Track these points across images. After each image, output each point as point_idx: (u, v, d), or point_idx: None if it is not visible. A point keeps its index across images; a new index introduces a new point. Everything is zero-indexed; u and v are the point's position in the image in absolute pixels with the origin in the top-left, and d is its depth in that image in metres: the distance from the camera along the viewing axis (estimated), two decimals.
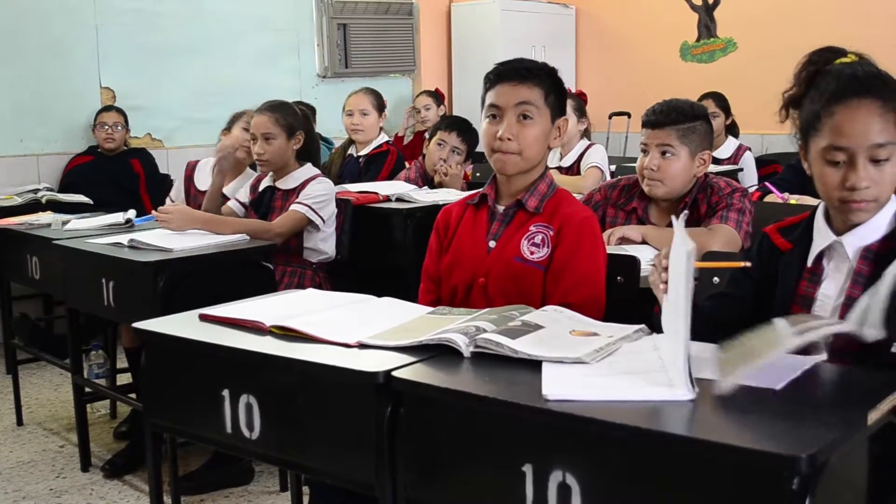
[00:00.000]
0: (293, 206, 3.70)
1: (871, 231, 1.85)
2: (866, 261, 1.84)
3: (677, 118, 2.97)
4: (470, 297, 2.41)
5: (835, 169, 1.81)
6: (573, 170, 5.09)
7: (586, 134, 5.24)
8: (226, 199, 4.07)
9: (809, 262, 1.91)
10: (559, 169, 5.15)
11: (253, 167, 4.15)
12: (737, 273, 2.05)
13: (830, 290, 1.88)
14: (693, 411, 1.45)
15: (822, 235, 1.90)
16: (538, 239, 2.37)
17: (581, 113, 5.19)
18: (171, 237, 3.38)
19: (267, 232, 3.57)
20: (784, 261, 1.96)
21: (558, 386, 1.55)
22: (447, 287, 2.48)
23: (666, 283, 1.73)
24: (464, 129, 4.72)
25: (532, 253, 2.36)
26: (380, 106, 5.36)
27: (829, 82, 1.84)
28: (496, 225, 2.44)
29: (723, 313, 1.97)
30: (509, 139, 2.35)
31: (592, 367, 1.66)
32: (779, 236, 2.00)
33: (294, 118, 3.80)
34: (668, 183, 2.99)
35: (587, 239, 2.37)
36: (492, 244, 2.42)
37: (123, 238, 3.38)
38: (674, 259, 1.66)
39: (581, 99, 5.28)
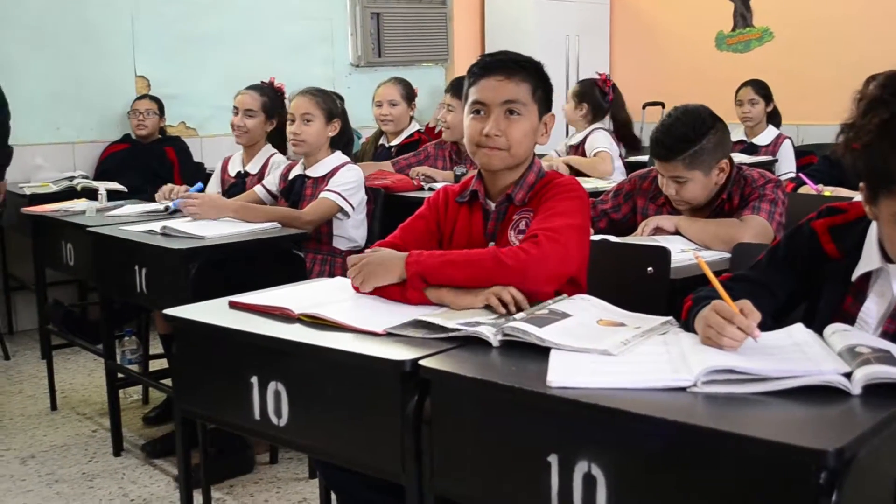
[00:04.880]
0: (323, 194, 3.70)
1: None
2: None
3: (681, 148, 2.86)
4: None
5: None
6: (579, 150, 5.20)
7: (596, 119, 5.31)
8: (252, 176, 4.12)
9: (854, 277, 1.82)
10: (570, 148, 5.22)
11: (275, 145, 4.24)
12: (779, 262, 1.94)
13: (872, 313, 1.79)
14: (719, 403, 1.44)
15: (871, 256, 1.80)
16: (522, 225, 2.29)
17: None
18: (204, 225, 3.40)
19: (297, 219, 3.58)
20: (831, 269, 1.86)
21: (563, 374, 1.55)
22: None
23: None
24: (460, 82, 4.78)
25: (520, 241, 2.23)
26: (409, 96, 5.36)
27: None
28: (491, 224, 2.35)
29: (752, 302, 1.71)
30: (497, 135, 2.25)
31: (603, 355, 1.66)
32: (829, 240, 1.87)
33: (333, 105, 3.82)
34: (692, 201, 2.95)
35: (558, 188, 2.27)
36: (491, 245, 2.31)
37: (156, 225, 3.40)
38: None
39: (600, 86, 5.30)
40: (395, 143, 5.33)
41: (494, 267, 2.05)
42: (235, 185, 4.18)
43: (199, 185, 3.74)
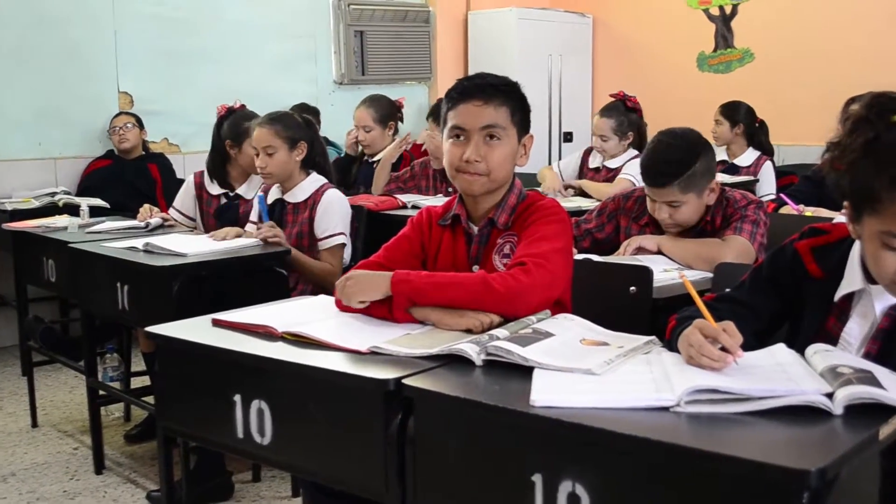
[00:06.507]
0: (331, 243, 3.65)
1: None
2: (890, 318, 1.77)
3: (676, 173, 2.87)
4: None
5: (892, 253, 1.66)
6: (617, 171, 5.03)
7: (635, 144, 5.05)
8: (243, 200, 4.07)
9: (836, 298, 1.83)
10: (603, 169, 5.09)
11: None
12: (762, 283, 1.95)
13: (854, 333, 1.80)
14: (702, 423, 1.45)
15: (853, 277, 1.81)
16: (507, 249, 2.29)
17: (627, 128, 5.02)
18: (185, 241, 3.39)
19: (332, 275, 3.48)
20: (814, 290, 1.87)
21: (547, 393, 1.56)
22: None
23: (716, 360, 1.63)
24: (437, 109, 4.74)
25: (505, 265, 2.24)
26: (383, 118, 5.32)
27: (894, 160, 1.63)
28: (475, 247, 2.35)
29: (736, 323, 1.71)
30: (477, 161, 2.24)
31: (587, 375, 1.66)
32: (812, 260, 1.88)
33: (296, 129, 3.73)
34: (685, 224, 2.98)
35: (540, 212, 2.28)
36: (475, 269, 2.31)
37: (138, 242, 3.40)
38: None
39: (635, 108, 5.06)
40: (376, 158, 5.34)
41: (484, 291, 2.05)
42: (230, 209, 4.07)
43: (261, 195, 3.71)
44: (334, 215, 3.70)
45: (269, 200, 3.79)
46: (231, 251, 3.35)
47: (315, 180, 3.78)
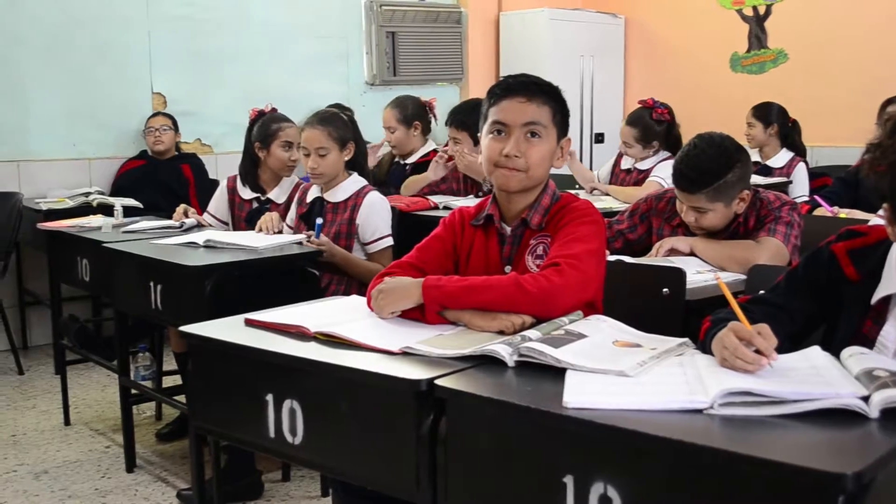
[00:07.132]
0: (383, 244, 3.68)
1: None
2: None
3: (706, 182, 2.86)
4: None
5: None
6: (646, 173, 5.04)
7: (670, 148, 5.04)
8: (274, 204, 4.08)
9: (873, 301, 1.81)
10: (634, 171, 5.09)
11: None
12: (798, 285, 1.93)
13: (891, 336, 1.79)
14: (736, 425, 1.44)
15: (891, 279, 1.79)
16: (540, 250, 2.29)
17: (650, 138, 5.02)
18: (244, 236, 3.46)
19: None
20: (850, 292, 1.85)
21: (579, 394, 1.55)
22: None
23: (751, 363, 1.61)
24: (459, 113, 4.72)
25: (538, 266, 2.25)
26: (408, 119, 5.27)
27: None
28: (507, 248, 2.36)
29: (770, 325, 1.69)
30: (516, 156, 2.26)
31: (620, 377, 1.66)
32: (849, 263, 1.86)
33: (344, 129, 3.74)
34: (710, 229, 2.96)
35: (574, 213, 2.28)
36: (507, 269, 2.32)
37: (199, 237, 3.46)
38: None
39: (662, 119, 5.01)
40: (410, 160, 5.34)
41: (516, 293, 2.04)
42: (261, 214, 4.09)
43: (320, 221, 3.72)
44: (380, 219, 3.72)
45: (309, 198, 3.81)
46: (275, 248, 3.38)
47: (356, 181, 3.78)
